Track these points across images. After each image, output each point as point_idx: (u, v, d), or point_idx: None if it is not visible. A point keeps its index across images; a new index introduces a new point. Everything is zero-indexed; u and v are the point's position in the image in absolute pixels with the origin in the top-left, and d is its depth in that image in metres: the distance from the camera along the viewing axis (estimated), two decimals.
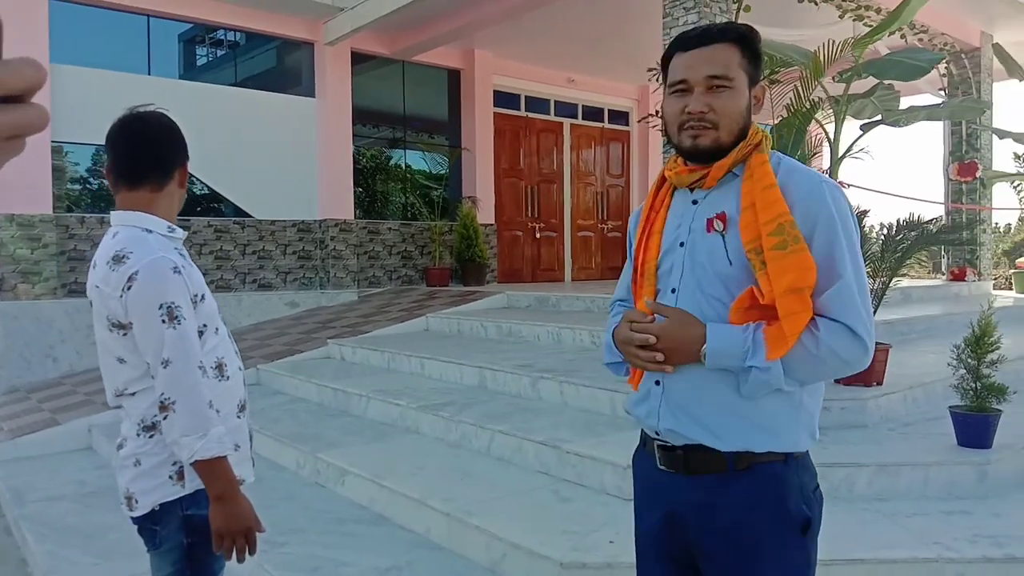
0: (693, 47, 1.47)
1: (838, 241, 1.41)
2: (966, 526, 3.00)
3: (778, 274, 1.36)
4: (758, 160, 1.46)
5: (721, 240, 1.45)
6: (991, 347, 3.53)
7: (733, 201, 1.47)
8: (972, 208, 10.66)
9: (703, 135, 1.45)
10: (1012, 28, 10.07)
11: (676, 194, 1.59)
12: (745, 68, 1.47)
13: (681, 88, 1.47)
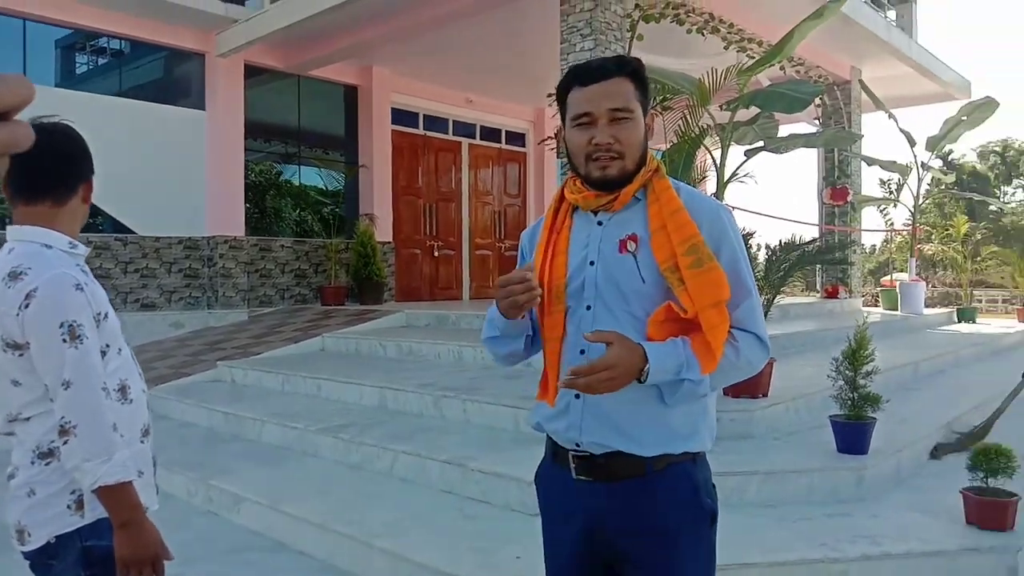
0: (593, 81, 1.54)
1: (740, 259, 1.56)
2: (847, 527, 3.20)
3: (699, 290, 1.47)
4: (662, 186, 1.57)
5: (634, 260, 1.53)
6: (866, 360, 3.79)
7: (640, 223, 1.56)
8: (843, 230, 11.42)
9: (611, 165, 1.54)
10: (877, 64, 10.89)
11: (576, 215, 1.65)
12: (639, 99, 1.57)
13: (585, 121, 1.54)
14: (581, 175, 1.60)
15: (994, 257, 13.08)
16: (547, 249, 1.63)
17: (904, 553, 2.93)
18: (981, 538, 3.03)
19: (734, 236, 1.56)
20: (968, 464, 3.23)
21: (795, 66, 9.94)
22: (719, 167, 6.18)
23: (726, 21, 8.38)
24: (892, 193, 15.26)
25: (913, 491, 3.68)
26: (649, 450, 1.52)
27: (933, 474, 3.94)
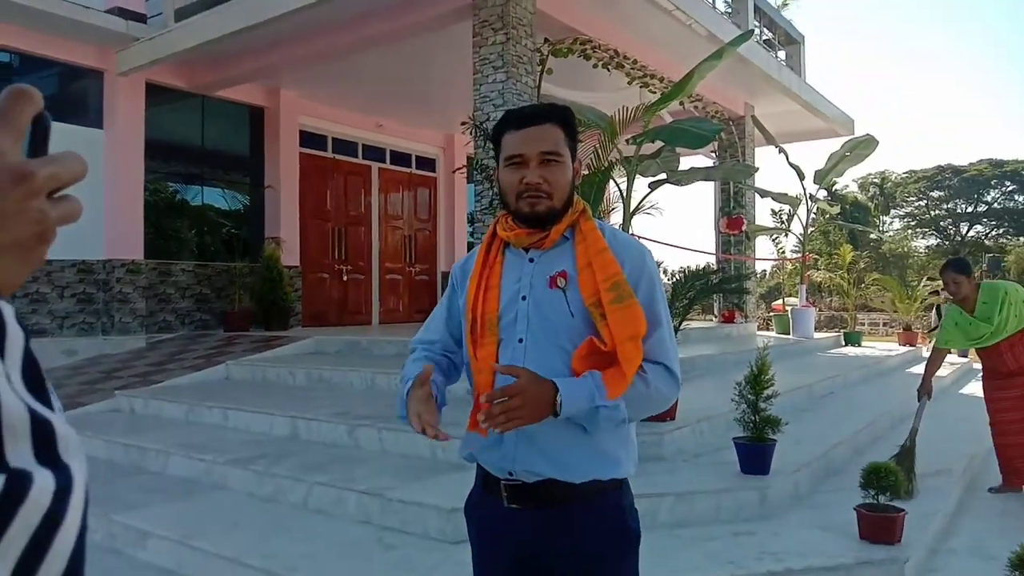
0: (526, 125, 1.67)
1: (656, 295, 1.68)
2: (752, 545, 3.38)
3: (618, 324, 1.58)
4: (588, 226, 1.69)
5: (563, 295, 1.63)
6: (767, 384, 4.01)
7: (569, 261, 1.67)
8: (739, 258, 11.98)
9: (539, 203, 1.64)
10: (769, 101, 11.55)
11: (508, 252, 1.75)
12: (568, 145, 1.70)
13: (517, 161, 1.65)
14: (511, 211, 1.70)
15: (877, 284, 13.99)
16: (480, 283, 1.71)
17: (805, 568, 3.12)
18: (873, 551, 3.26)
19: (652, 272, 1.69)
20: (860, 483, 3.47)
21: (694, 102, 10.43)
22: (625, 198, 6.43)
23: (630, 58, 8.73)
24: (783, 223, 16.12)
25: (811, 509, 3.91)
26: (579, 477, 1.60)
27: (828, 492, 4.20)
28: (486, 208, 6.95)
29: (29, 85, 0.50)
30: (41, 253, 0.49)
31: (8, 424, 0.39)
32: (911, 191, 51.09)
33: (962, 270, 4.94)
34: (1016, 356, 4.81)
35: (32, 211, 0.47)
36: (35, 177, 0.46)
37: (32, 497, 0.38)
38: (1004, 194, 50.25)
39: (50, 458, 0.40)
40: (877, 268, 27.74)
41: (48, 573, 0.39)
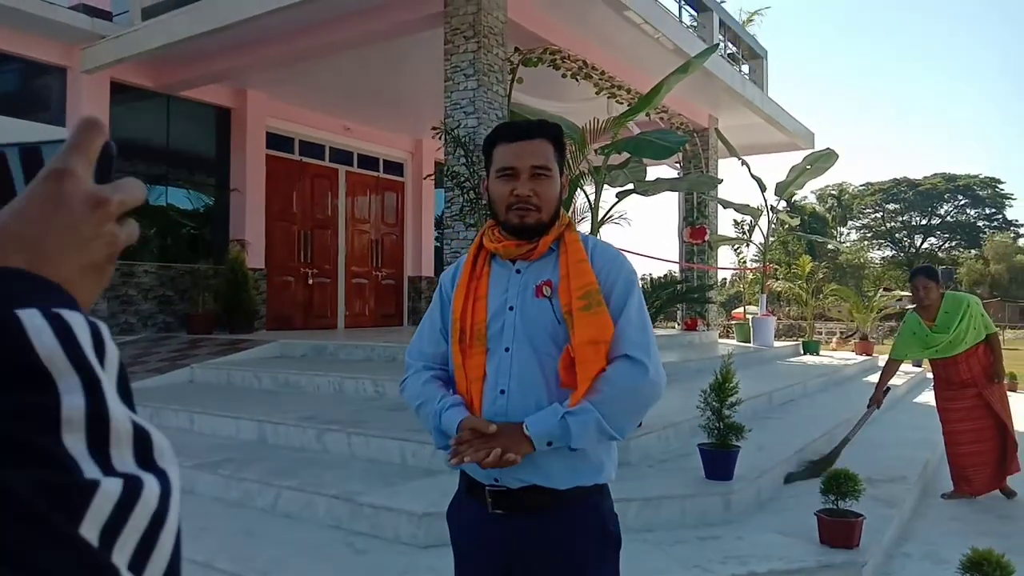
0: (518, 139, 1.73)
1: (631, 294, 1.72)
2: (717, 549, 3.46)
3: (582, 328, 1.64)
4: (571, 239, 1.75)
5: (549, 303, 1.69)
6: (732, 392, 4.12)
7: (554, 271, 1.73)
8: (702, 267, 12.18)
9: (528, 215, 1.71)
10: (732, 114, 11.78)
11: (494, 263, 1.80)
12: (557, 160, 1.77)
13: (508, 173, 1.72)
14: (500, 221, 1.75)
15: (835, 294, 14.32)
16: (468, 294, 1.75)
17: (768, 572, 3.21)
18: (833, 555, 3.36)
19: (628, 278, 1.73)
20: (821, 488, 3.58)
21: (660, 114, 10.60)
22: (594, 208, 6.52)
23: (598, 69, 8.86)
24: (745, 233, 16.41)
25: (773, 514, 4.02)
26: (564, 483, 1.65)
27: (790, 497, 4.31)
28: (456, 214, 6.99)
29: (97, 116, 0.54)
30: (110, 272, 0.54)
31: (115, 432, 0.43)
32: (868, 203, 52.31)
33: (932, 276, 5.11)
34: (970, 367, 4.99)
35: (107, 234, 0.51)
36: (110, 203, 0.51)
37: (144, 498, 0.43)
38: (957, 208, 51.72)
39: (149, 464, 0.45)
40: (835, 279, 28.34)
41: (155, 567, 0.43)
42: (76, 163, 0.51)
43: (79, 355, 0.44)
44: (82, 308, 0.48)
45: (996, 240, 50.62)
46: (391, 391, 5.97)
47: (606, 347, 1.64)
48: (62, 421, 0.41)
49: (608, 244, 1.83)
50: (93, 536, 0.40)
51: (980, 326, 4.98)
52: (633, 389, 1.64)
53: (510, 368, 1.68)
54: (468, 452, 1.58)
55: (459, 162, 6.90)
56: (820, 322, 14.90)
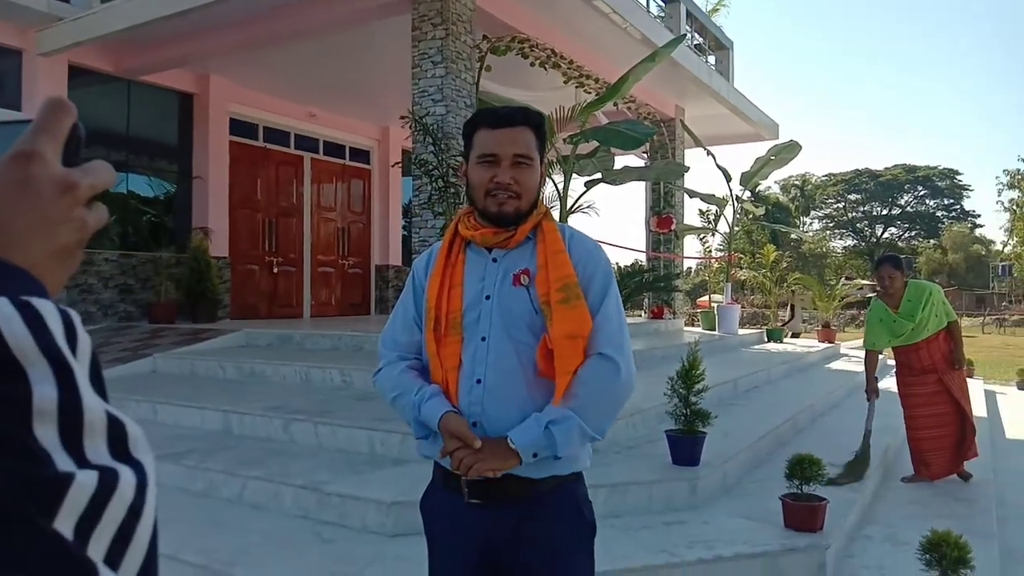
0: (501, 126, 1.71)
1: (609, 292, 1.73)
2: (683, 534, 3.51)
3: (560, 322, 1.64)
4: (549, 228, 1.74)
5: (527, 292, 1.68)
6: (698, 379, 4.16)
7: (531, 260, 1.72)
8: (668, 256, 12.27)
9: (508, 204, 1.69)
10: (699, 104, 11.86)
11: (470, 250, 1.78)
12: (539, 149, 1.75)
13: (489, 160, 1.70)
14: (479, 208, 1.73)
15: (799, 283, 14.52)
16: (443, 281, 1.74)
17: (734, 556, 3.26)
18: (797, 539, 3.42)
19: (605, 271, 1.74)
20: (785, 473, 3.64)
21: (627, 104, 10.63)
22: (562, 197, 6.54)
23: (566, 58, 8.84)
24: (710, 223, 16.57)
25: (738, 499, 4.07)
26: (540, 472, 1.65)
27: (755, 482, 4.38)
28: (424, 203, 6.95)
29: (64, 97, 0.53)
30: (79, 258, 0.52)
31: (89, 423, 0.42)
32: (830, 193, 53.16)
33: (898, 265, 5.21)
34: (931, 354, 5.10)
35: (76, 219, 0.50)
36: (80, 187, 0.50)
37: (120, 491, 0.41)
38: (916, 198, 52.82)
39: (124, 455, 0.43)
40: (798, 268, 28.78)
41: (132, 560, 0.42)
42: (44, 145, 0.49)
43: (50, 344, 0.42)
44: (51, 295, 0.47)
45: (954, 230, 51.83)
46: (358, 380, 5.93)
47: (584, 341, 1.65)
48: (33, 412, 0.40)
49: (585, 235, 1.83)
50: (68, 530, 0.39)
51: (942, 314, 5.09)
52: (607, 390, 1.66)
53: (486, 357, 1.67)
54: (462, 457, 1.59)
55: (427, 150, 6.85)
56: (783, 310, 15.09)
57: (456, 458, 1.59)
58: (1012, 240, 40.25)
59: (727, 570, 3.22)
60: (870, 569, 3.49)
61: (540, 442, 1.59)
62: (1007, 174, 39.68)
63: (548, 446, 1.59)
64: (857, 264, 48.85)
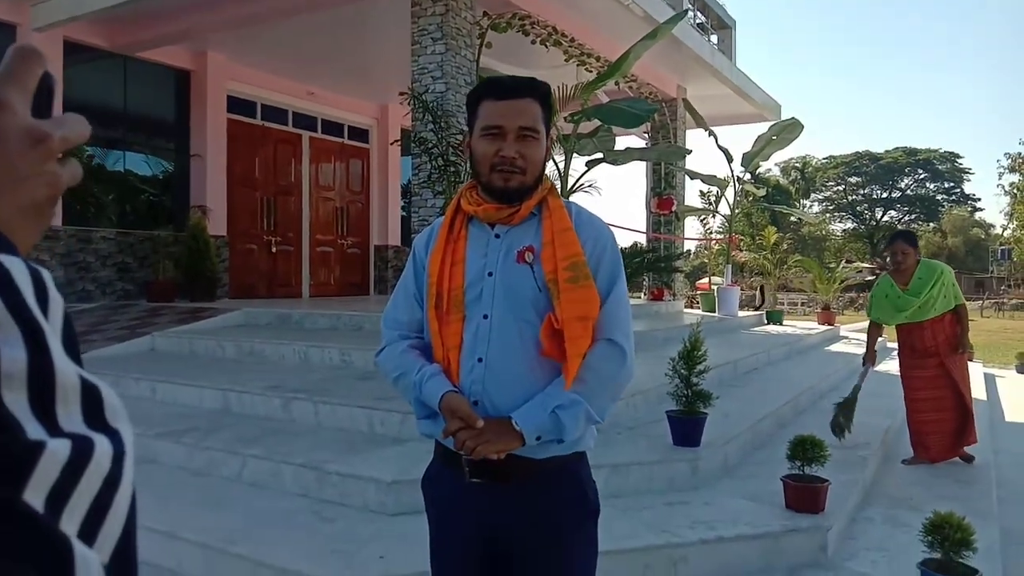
0: (507, 97, 1.65)
1: (617, 275, 1.69)
2: (685, 514, 3.49)
3: (570, 303, 1.59)
4: (555, 204, 1.69)
5: (530, 270, 1.64)
6: (700, 359, 4.13)
7: (536, 237, 1.67)
8: (668, 238, 12.22)
9: (513, 179, 1.64)
10: (701, 84, 11.76)
11: (472, 226, 1.73)
12: (545, 121, 1.69)
13: (494, 132, 1.64)
14: (482, 182, 1.68)
15: (799, 265, 14.49)
16: (444, 258, 1.69)
17: (735, 536, 3.25)
18: (799, 520, 3.42)
19: (613, 251, 1.70)
20: (787, 454, 3.62)
21: (629, 83, 10.54)
22: (563, 176, 6.48)
23: (567, 35, 8.75)
24: (711, 204, 16.51)
25: (740, 479, 4.06)
26: (541, 453, 1.61)
27: (757, 463, 4.37)
28: (423, 181, 6.89)
29: (34, 45, 0.49)
30: (50, 215, 0.49)
31: (61, 388, 0.39)
32: (830, 176, 53.01)
33: (911, 242, 5.19)
34: (935, 335, 5.08)
35: (48, 173, 0.47)
36: (51, 139, 0.46)
37: (96, 460, 0.38)
38: (916, 181, 52.68)
39: (100, 423, 0.40)
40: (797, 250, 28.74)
41: (109, 534, 0.39)
42: (11, 95, 0.46)
43: (19, 304, 0.39)
44: (21, 253, 0.44)
45: (953, 213, 51.77)
46: (358, 360, 5.91)
47: (593, 323, 1.61)
48: (1, 377, 0.37)
49: (592, 213, 1.77)
50: (38, 502, 0.36)
51: (951, 295, 5.06)
52: (614, 376, 1.64)
53: (488, 335, 1.63)
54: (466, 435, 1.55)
55: (427, 128, 6.79)
56: (783, 293, 15.08)
57: (459, 439, 1.56)
58: (1012, 224, 40.19)
59: (729, 550, 3.22)
60: (871, 550, 3.48)
61: (546, 426, 1.56)
62: (1008, 157, 39.55)
63: (554, 430, 1.56)
64: (856, 247, 48.85)
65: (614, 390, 1.67)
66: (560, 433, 1.57)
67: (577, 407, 1.56)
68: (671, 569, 3.15)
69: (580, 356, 1.59)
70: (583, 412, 1.58)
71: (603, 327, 1.63)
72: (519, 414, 1.57)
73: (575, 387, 1.58)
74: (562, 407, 1.56)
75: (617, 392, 1.69)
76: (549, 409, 1.56)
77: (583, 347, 1.60)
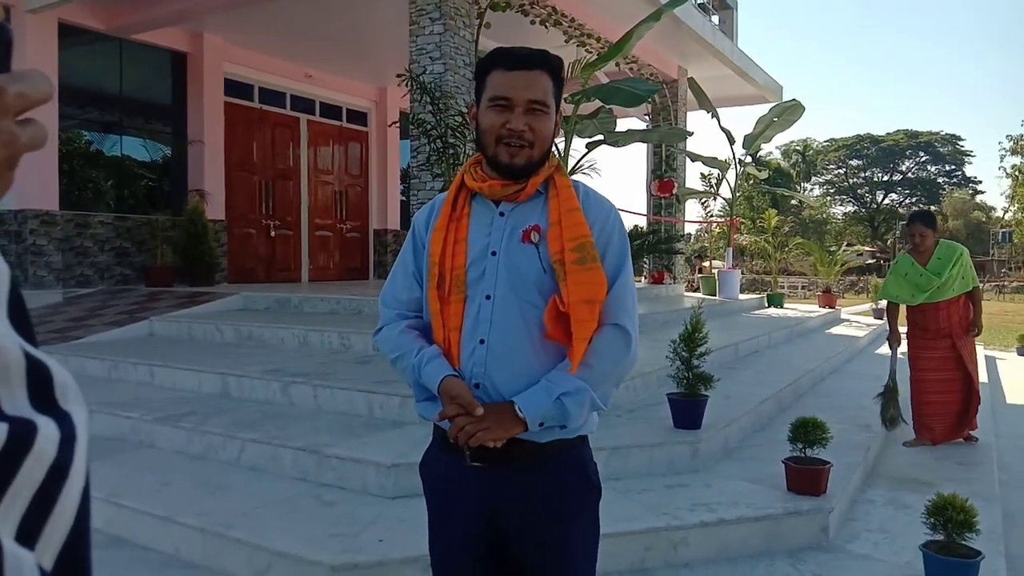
0: (517, 68, 1.58)
1: (625, 258, 1.66)
2: (685, 497, 3.48)
3: (576, 285, 1.55)
4: (563, 183, 1.64)
5: (536, 250, 1.59)
6: (701, 342, 4.10)
7: (542, 215, 1.62)
8: (669, 220, 12.16)
9: (520, 154, 1.58)
10: (702, 65, 11.65)
11: (476, 203, 1.68)
12: (555, 95, 1.63)
13: (503, 104, 1.58)
14: (488, 156, 1.62)
15: (800, 248, 14.44)
16: (447, 236, 1.64)
17: (736, 519, 3.23)
18: (800, 502, 3.40)
19: (620, 233, 1.66)
20: (789, 436, 3.60)
21: (630, 64, 10.45)
22: (563, 158, 6.43)
23: (567, 16, 8.66)
24: (712, 187, 16.44)
25: (741, 462, 4.05)
26: (544, 436, 1.57)
27: (757, 446, 4.35)
28: (422, 164, 6.83)
29: None
30: (8, 180, 0.45)
31: (2, 366, 0.35)
32: (831, 159, 52.82)
33: (929, 224, 5.16)
34: (949, 316, 5.08)
35: (3, 132, 0.42)
36: (5, 94, 0.42)
37: (38, 447, 0.34)
38: (918, 164, 52.52)
39: (48, 405, 0.36)
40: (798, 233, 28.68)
41: (55, 530, 0.35)
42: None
43: None
44: None
45: (955, 196, 51.62)
46: (357, 344, 5.88)
47: (599, 306, 1.57)
48: None
49: (600, 194, 1.72)
50: None
51: (969, 277, 5.05)
52: (619, 362, 1.61)
53: (491, 317, 1.58)
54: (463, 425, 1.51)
55: (425, 110, 6.72)
56: (783, 276, 15.05)
57: (457, 425, 1.52)
58: (1013, 206, 40.07)
59: (729, 533, 3.20)
60: (873, 532, 3.46)
61: (550, 413, 1.53)
62: (1010, 140, 39.35)
63: (558, 417, 1.53)
64: (857, 230, 48.76)
65: (618, 376, 1.65)
66: (564, 420, 1.54)
67: (582, 395, 1.53)
68: (671, 552, 3.14)
69: (586, 340, 1.55)
70: (588, 400, 1.54)
71: (609, 312, 1.59)
72: (522, 399, 1.53)
73: (580, 372, 1.54)
74: (568, 394, 1.52)
75: (620, 378, 1.67)
76: (554, 396, 1.52)
77: (589, 331, 1.56)
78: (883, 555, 3.22)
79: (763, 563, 3.14)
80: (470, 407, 1.52)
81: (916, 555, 2.98)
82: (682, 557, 3.14)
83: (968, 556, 2.83)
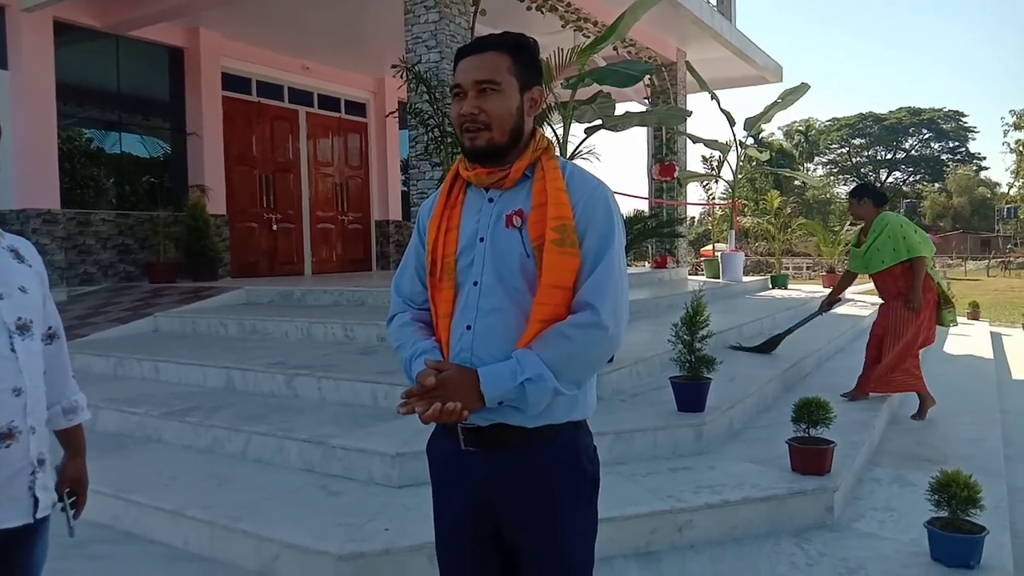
0: (468, 55, 1.60)
1: (609, 241, 1.58)
2: (690, 479, 3.49)
3: (549, 267, 1.53)
4: (550, 165, 1.62)
5: (519, 234, 1.58)
6: (703, 325, 4.10)
7: (526, 199, 1.61)
8: (671, 204, 12.13)
9: (478, 136, 1.58)
10: (701, 47, 11.59)
11: (470, 191, 1.68)
12: (515, 73, 1.60)
13: (457, 92, 1.60)
14: (460, 146, 1.65)
15: (803, 228, 14.39)
16: (440, 224, 1.66)
17: (741, 500, 3.24)
18: (805, 482, 3.40)
19: (607, 211, 1.59)
20: (792, 417, 3.60)
21: (627, 47, 10.39)
22: (561, 144, 6.40)
23: (563, 0, 8.60)
24: (713, 169, 16.38)
25: (745, 443, 4.05)
26: (532, 421, 1.57)
27: (761, 427, 4.36)
28: (421, 154, 6.82)
29: None
30: None
31: None
32: (834, 139, 52.58)
33: (855, 194, 5.41)
34: (886, 287, 5.23)
35: None
36: None
37: None
38: (921, 141, 52.25)
39: None
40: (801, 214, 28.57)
41: None
42: None
43: None
44: None
45: (959, 173, 51.36)
46: (361, 335, 5.90)
47: (568, 293, 1.54)
48: None
49: (586, 171, 1.67)
50: None
51: (901, 248, 5.02)
52: (590, 347, 1.54)
53: (477, 303, 1.58)
54: (416, 404, 1.51)
55: (422, 99, 6.70)
56: (787, 257, 15.02)
57: (408, 407, 1.52)
58: (1018, 182, 39.85)
59: (734, 514, 3.21)
60: (879, 511, 3.47)
61: (511, 395, 1.51)
62: (1013, 115, 39.08)
63: (517, 400, 1.52)
64: None
65: (589, 362, 1.58)
66: (523, 406, 1.52)
67: (545, 383, 1.49)
68: (676, 534, 3.15)
69: (542, 323, 1.53)
70: (551, 389, 1.51)
71: (587, 293, 1.54)
72: (487, 374, 1.51)
73: (543, 352, 1.50)
74: (531, 381, 1.49)
75: (594, 364, 1.60)
76: (518, 380, 1.50)
77: (547, 314, 1.53)
78: (889, 533, 3.23)
79: (769, 543, 3.15)
80: (423, 378, 1.52)
81: (922, 532, 2.98)
82: (687, 539, 3.16)
83: (973, 532, 2.83)
